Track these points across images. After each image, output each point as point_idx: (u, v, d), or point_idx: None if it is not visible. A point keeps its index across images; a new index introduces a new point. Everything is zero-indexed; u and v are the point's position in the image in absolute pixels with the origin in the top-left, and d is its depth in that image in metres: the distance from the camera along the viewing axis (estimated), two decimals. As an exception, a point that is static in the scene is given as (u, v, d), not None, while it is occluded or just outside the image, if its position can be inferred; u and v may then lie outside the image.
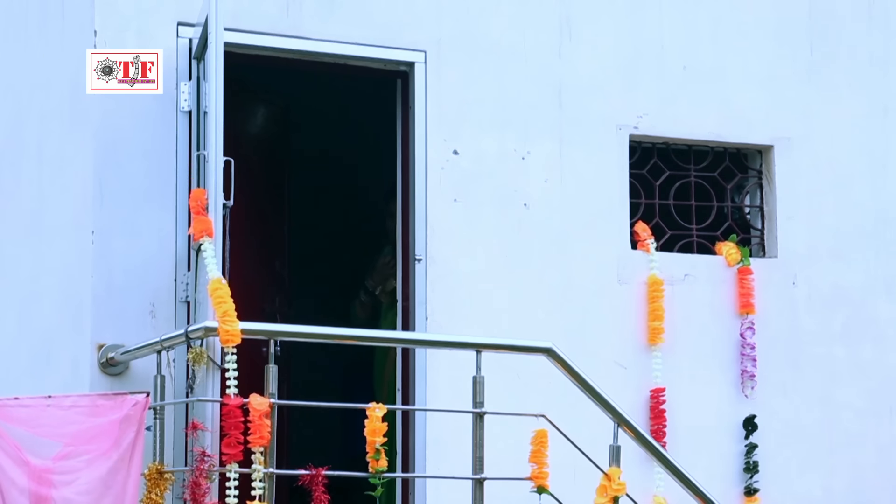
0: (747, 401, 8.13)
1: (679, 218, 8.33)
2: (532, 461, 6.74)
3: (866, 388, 8.30)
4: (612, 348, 7.90)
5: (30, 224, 7.87)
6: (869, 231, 8.46)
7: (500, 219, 7.81)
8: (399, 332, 7.40)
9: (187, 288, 7.18)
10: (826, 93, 8.49)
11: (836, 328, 8.33)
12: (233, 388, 6.42)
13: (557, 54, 8.06)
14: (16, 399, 6.28)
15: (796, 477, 8.06)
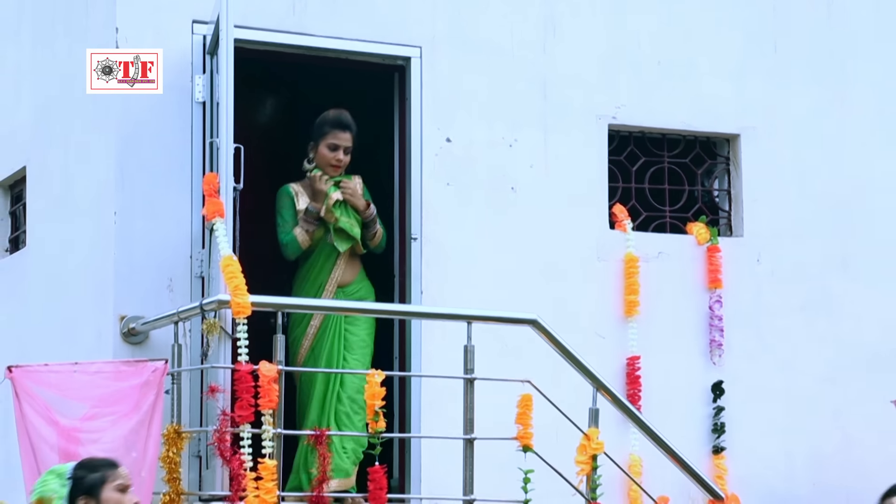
0: (715, 367, 8.15)
1: (653, 200, 8.34)
2: (518, 423, 6.78)
3: (823, 357, 8.31)
4: (592, 320, 7.92)
5: (57, 206, 7.89)
6: (827, 213, 8.47)
7: (489, 201, 7.84)
8: (395, 304, 7.43)
9: (201, 264, 7.21)
10: (788, 86, 8.49)
11: (797, 301, 8.35)
12: (244, 356, 6.45)
13: (542, 50, 8.07)
14: (45, 366, 6.33)
15: (759, 437, 8.08)
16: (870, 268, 8.50)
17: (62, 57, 7.93)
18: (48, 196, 8.01)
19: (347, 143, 7.45)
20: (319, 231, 7.35)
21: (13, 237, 8.65)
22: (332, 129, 7.44)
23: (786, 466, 8.01)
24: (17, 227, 8.61)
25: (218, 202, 6.91)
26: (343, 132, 7.45)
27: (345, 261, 7.39)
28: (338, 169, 7.44)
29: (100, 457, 5.32)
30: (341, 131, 7.44)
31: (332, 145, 7.43)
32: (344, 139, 7.44)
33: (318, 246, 7.38)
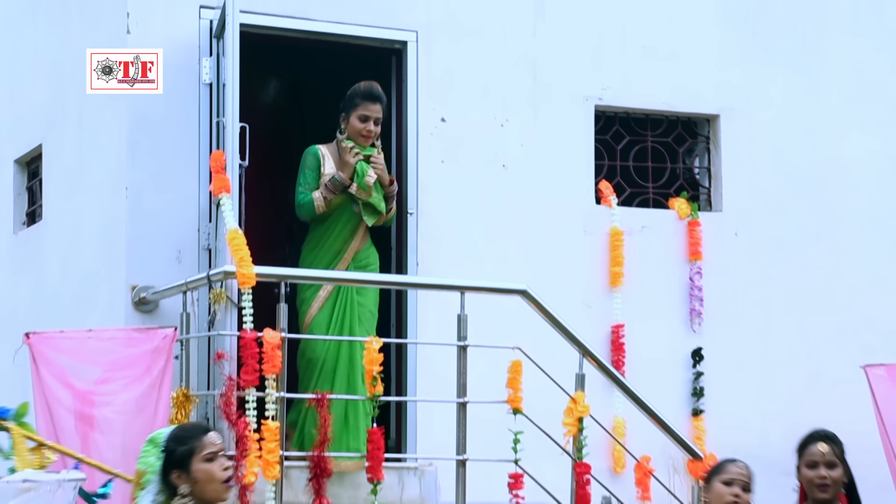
0: (695, 335, 8.16)
1: (637, 177, 8.34)
2: (508, 387, 6.79)
3: (797, 325, 8.33)
4: (579, 290, 7.92)
5: (71, 181, 7.88)
6: (801, 189, 8.47)
7: (481, 178, 7.83)
8: (393, 275, 7.42)
9: (209, 237, 7.20)
10: (766, 69, 8.49)
11: (772, 273, 8.35)
12: (249, 324, 6.45)
13: (532, 35, 8.06)
14: (61, 332, 6.32)
15: (736, 400, 8.09)
16: (842, 241, 8.51)
17: (76, 40, 7.91)
18: (63, 172, 8.00)
19: (378, 115, 7.27)
20: (338, 199, 7.23)
21: (30, 211, 8.64)
22: (363, 101, 7.25)
23: (761, 428, 8.03)
24: (34, 201, 8.60)
25: (224, 178, 6.92)
26: (373, 104, 7.25)
27: (361, 229, 7.30)
28: (368, 139, 7.28)
29: (191, 424, 5.11)
30: (371, 103, 7.25)
31: (363, 116, 7.25)
32: (374, 110, 7.25)
33: (334, 214, 7.23)
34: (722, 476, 5.48)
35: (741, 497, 5.43)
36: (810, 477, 5.82)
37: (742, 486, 5.48)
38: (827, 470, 5.81)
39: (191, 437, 4.78)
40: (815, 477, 5.80)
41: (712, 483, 5.49)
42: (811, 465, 5.83)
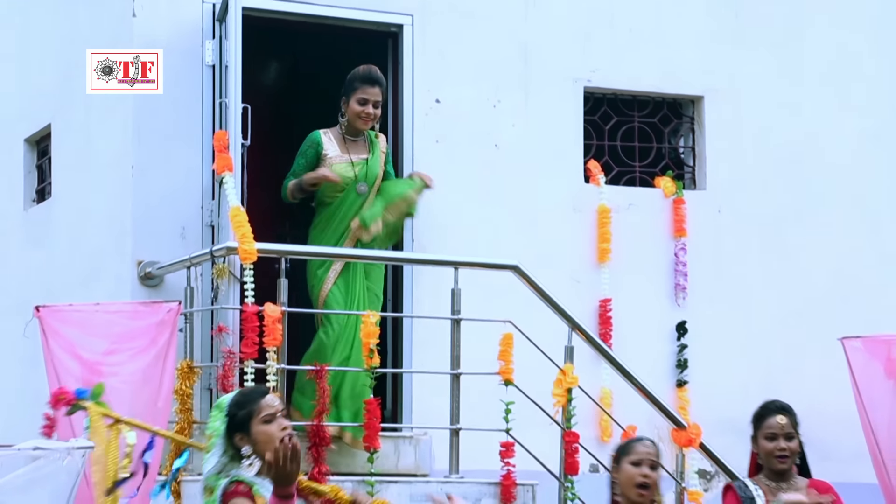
0: (679, 309, 8.15)
1: (624, 157, 8.32)
2: (500, 359, 6.78)
3: (777, 299, 8.32)
4: (568, 265, 7.91)
5: (79, 161, 7.86)
6: (782, 168, 8.46)
7: (474, 157, 7.81)
8: (388, 251, 7.38)
9: (212, 214, 7.18)
10: (748, 52, 8.46)
11: (754, 249, 8.34)
12: (250, 298, 6.45)
13: (524, 18, 8.03)
14: (70, 306, 6.31)
15: (719, 371, 8.09)
16: (820, 218, 8.50)
17: (83, 23, 7.87)
18: (71, 151, 7.98)
19: (377, 98, 7.12)
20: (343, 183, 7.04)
21: (40, 188, 8.61)
22: (361, 84, 7.10)
23: (742, 398, 7.96)
24: (44, 179, 8.58)
25: (227, 157, 6.91)
26: (372, 87, 7.10)
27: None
28: (367, 122, 7.14)
29: (251, 389, 5.08)
30: (370, 86, 7.10)
31: (362, 99, 7.09)
32: (373, 94, 7.10)
33: (340, 197, 7.09)
34: (630, 457, 5.36)
35: (650, 476, 5.32)
36: (770, 449, 5.82)
37: (650, 465, 5.35)
38: (786, 442, 5.82)
39: (250, 400, 4.78)
40: (775, 449, 5.81)
41: (621, 464, 5.37)
42: (770, 438, 5.83)
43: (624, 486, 5.36)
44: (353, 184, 7.08)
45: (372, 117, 7.14)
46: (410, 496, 6.58)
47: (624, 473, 5.35)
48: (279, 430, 4.73)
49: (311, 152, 7.10)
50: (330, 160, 7.09)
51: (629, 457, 5.36)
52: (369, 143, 7.20)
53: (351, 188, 7.08)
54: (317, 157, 7.10)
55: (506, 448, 6.65)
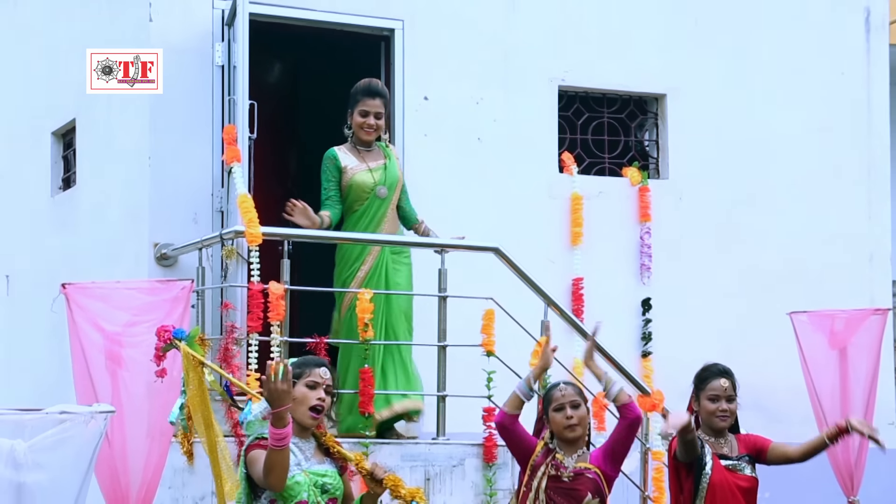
0: (644, 287, 8.16)
1: (595, 149, 8.31)
2: (483, 333, 6.77)
3: (732, 277, 8.32)
4: (544, 247, 7.90)
5: (101, 152, 7.83)
6: (737, 159, 8.46)
7: (459, 149, 7.79)
8: (383, 235, 7.35)
9: (221, 201, 7.16)
10: (708, 53, 8.45)
11: (712, 232, 8.34)
12: (256, 277, 6.43)
13: (504, 24, 8.01)
14: (93, 283, 6.28)
15: (680, 343, 8.08)
16: (772, 204, 8.52)
17: (105, 26, 7.82)
18: (94, 143, 7.94)
19: (378, 109, 6.91)
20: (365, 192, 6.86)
21: (65, 177, 8.58)
22: (362, 97, 6.91)
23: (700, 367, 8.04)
24: (69, 168, 8.54)
25: (235, 149, 6.88)
26: (372, 99, 6.91)
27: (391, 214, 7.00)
28: (370, 133, 6.93)
29: (312, 356, 5.08)
30: (371, 98, 6.90)
31: (363, 111, 6.90)
32: (374, 105, 6.91)
33: (365, 204, 6.93)
34: (552, 405, 5.43)
35: (573, 416, 5.39)
36: (712, 409, 5.82)
37: (570, 404, 5.41)
38: (727, 403, 5.82)
39: (306, 364, 4.81)
40: (717, 409, 5.82)
41: (549, 414, 5.44)
42: (713, 399, 5.83)
43: (556, 431, 5.42)
44: (373, 189, 6.92)
45: (374, 128, 6.94)
46: (401, 456, 6.58)
47: (553, 422, 5.44)
48: (315, 398, 4.74)
49: (333, 168, 6.91)
50: (351, 171, 6.90)
51: (552, 405, 5.44)
52: (384, 151, 7.04)
53: (373, 194, 6.93)
54: (339, 172, 6.91)
55: (487, 413, 6.64)
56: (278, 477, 4.57)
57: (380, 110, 6.95)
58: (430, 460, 6.56)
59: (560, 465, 5.40)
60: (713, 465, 5.70)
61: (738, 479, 5.75)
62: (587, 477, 5.40)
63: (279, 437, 4.48)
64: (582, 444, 5.48)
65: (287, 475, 4.60)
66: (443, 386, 6.76)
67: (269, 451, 4.54)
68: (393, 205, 7.02)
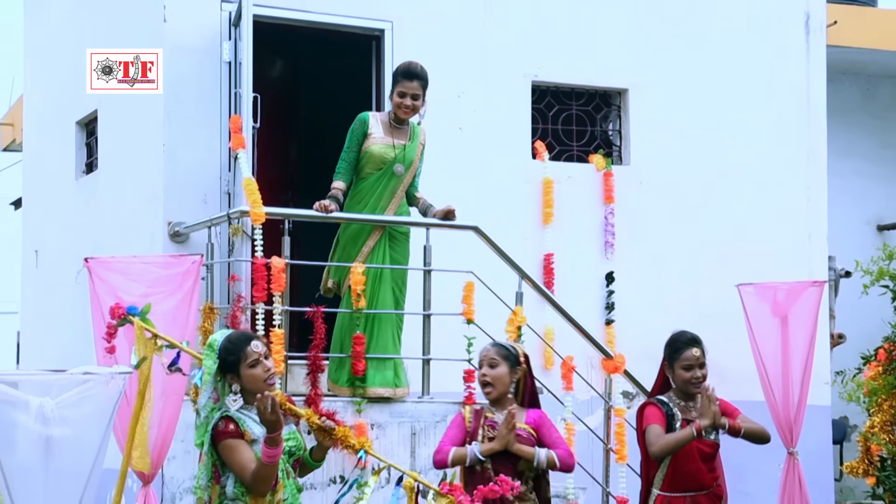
0: (608, 261, 8.15)
1: (564, 138, 8.30)
2: (463, 303, 6.76)
3: (686, 253, 8.32)
4: (518, 226, 7.89)
5: (120, 139, 7.80)
6: (692, 147, 8.45)
7: (443, 138, 7.72)
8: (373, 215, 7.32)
9: (228, 184, 7.13)
10: (667, 52, 8.43)
11: (668, 212, 8.33)
12: (260, 252, 6.40)
13: (482, 24, 7.98)
14: (113, 258, 6.25)
15: (639, 312, 8.10)
16: (723, 187, 8.51)
17: (123, 26, 7.78)
18: (114, 131, 7.91)
19: (416, 91, 6.60)
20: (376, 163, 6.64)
21: (88, 162, 8.54)
22: (402, 79, 6.61)
23: (657, 333, 7.87)
24: (91, 154, 8.50)
25: (241, 137, 6.85)
26: (410, 81, 6.60)
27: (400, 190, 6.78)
28: (408, 113, 6.64)
29: (237, 334, 4.83)
30: (409, 80, 6.59)
31: (401, 92, 6.60)
32: (411, 87, 6.60)
33: (375, 175, 6.71)
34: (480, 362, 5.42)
35: (487, 374, 5.35)
36: (687, 377, 5.80)
37: (489, 363, 5.38)
38: (700, 370, 5.81)
39: (237, 347, 4.71)
40: (692, 377, 5.80)
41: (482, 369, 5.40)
42: (687, 368, 5.80)
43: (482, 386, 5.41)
44: (391, 164, 6.72)
45: (410, 108, 6.67)
46: (390, 413, 6.58)
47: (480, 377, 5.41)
48: (263, 371, 4.69)
49: (360, 130, 6.68)
50: (373, 139, 6.67)
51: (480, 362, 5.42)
52: (412, 131, 6.83)
53: (389, 167, 6.71)
54: (364, 135, 6.68)
55: (468, 375, 6.63)
56: (266, 487, 4.61)
57: (417, 92, 6.66)
58: (416, 417, 6.56)
59: (494, 424, 5.31)
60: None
61: (702, 444, 5.75)
62: (520, 436, 5.32)
63: (271, 456, 4.52)
64: (510, 402, 5.36)
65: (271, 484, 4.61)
66: (427, 350, 6.76)
67: (261, 465, 4.54)
68: (405, 184, 6.79)
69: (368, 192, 6.76)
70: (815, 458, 8.25)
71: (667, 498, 5.73)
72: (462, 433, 5.36)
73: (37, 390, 4.43)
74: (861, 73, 10.86)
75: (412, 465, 6.49)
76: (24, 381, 4.50)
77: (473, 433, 5.33)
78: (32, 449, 4.32)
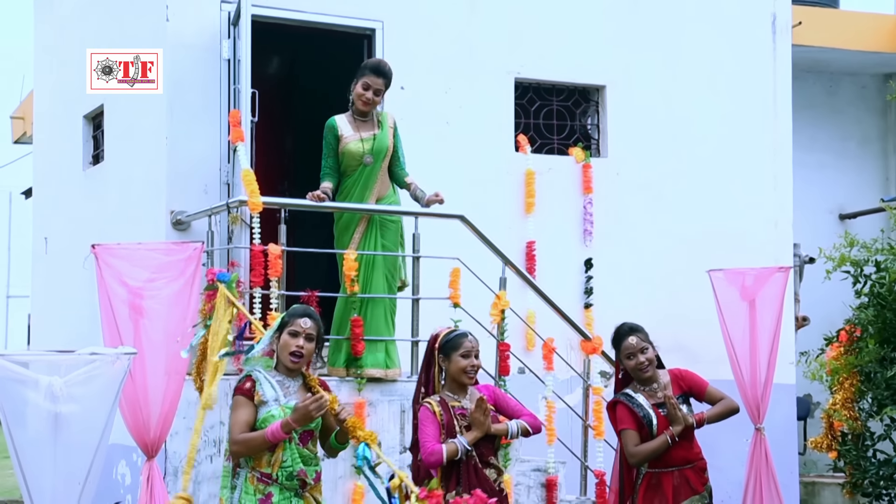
0: (587, 248, 8.15)
1: (545, 132, 8.30)
2: (450, 287, 6.76)
3: (660, 241, 8.32)
4: (502, 215, 7.88)
5: (125, 133, 7.77)
6: (666, 140, 8.46)
7: (431, 132, 7.75)
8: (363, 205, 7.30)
9: (228, 175, 7.11)
10: (642, 51, 8.43)
11: (643, 202, 8.33)
12: (257, 239, 6.39)
13: (467, 24, 7.97)
14: (118, 244, 6.23)
15: (616, 296, 8.10)
16: (695, 178, 8.52)
17: (128, 26, 7.74)
18: (120, 125, 7.88)
19: (379, 87, 6.57)
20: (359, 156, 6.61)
21: (95, 154, 8.51)
22: (369, 73, 6.58)
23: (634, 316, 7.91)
24: (98, 146, 8.47)
25: (240, 131, 6.83)
26: (377, 77, 6.57)
27: (382, 178, 6.74)
28: (367, 105, 6.60)
29: (301, 307, 5.02)
30: (376, 76, 6.57)
31: (366, 84, 6.57)
32: (376, 83, 6.57)
33: (357, 171, 6.69)
34: (460, 351, 5.23)
35: (475, 363, 5.25)
36: (633, 365, 5.76)
37: (476, 353, 5.25)
38: (642, 355, 5.75)
39: (293, 314, 4.87)
40: (637, 364, 5.75)
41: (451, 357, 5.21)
42: (630, 356, 5.74)
43: (454, 374, 5.22)
44: (362, 157, 6.69)
45: (370, 101, 6.65)
46: (381, 391, 6.58)
47: (454, 364, 5.21)
48: (294, 345, 4.77)
49: (331, 136, 6.68)
50: (345, 140, 6.66)
51: (458, 350, 5.23)
52: (380, 119, 6.78)
53: (361, 162, 6.69)
54: (336, 139, 6.68)
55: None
56: (242, 453, 4.66)
57: (380, 88, 6.65)
58: (405, 395, 6.56)
59: (464, 412, 5.22)
60: (657, 422, 5.69)
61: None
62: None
63: (275, 437, 4.51)
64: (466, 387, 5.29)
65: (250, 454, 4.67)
66: (416, 332, 6.75)
67: (260, 436, 4.55)
68: (382, 171, 6.75)
69: (353, 186, 6.76)
70: (780, 433, 8.28)
71: (655, 474, 5.72)
72: (438, 427, 5.21)
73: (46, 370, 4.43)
74: (824, 70, 10.88)
75: (401, 441, 6.50)
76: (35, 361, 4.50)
77: (449, 425, 5.20)
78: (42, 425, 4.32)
